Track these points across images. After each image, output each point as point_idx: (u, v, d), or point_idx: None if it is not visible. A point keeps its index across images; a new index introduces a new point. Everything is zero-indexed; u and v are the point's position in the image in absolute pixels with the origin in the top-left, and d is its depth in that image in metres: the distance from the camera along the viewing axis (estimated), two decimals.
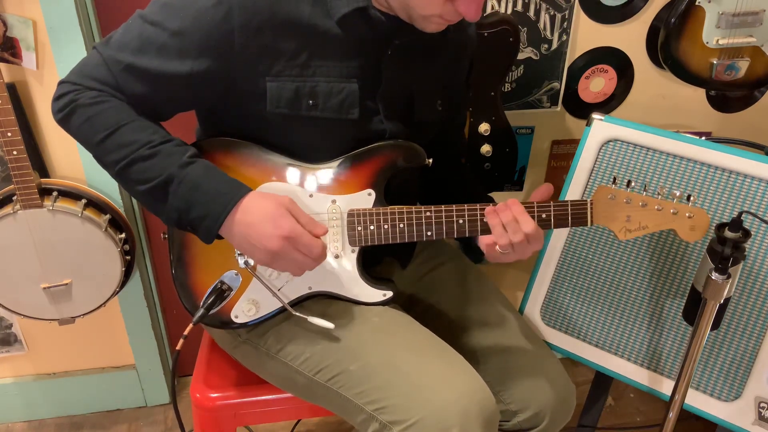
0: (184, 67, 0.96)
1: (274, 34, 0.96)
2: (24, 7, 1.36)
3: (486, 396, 1.03)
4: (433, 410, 0.98)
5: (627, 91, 1.67)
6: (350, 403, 1.04)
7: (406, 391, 1.00)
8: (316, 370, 1.07)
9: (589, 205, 1.03)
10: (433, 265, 1.31)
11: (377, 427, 1.02)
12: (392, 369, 1.03)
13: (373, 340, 1.07)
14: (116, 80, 0.97)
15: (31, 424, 1.85)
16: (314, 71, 1.00)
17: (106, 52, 0.98)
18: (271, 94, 1.00)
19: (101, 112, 0.96)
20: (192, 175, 0.96)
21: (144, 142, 0.96)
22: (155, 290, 1.79)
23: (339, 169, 1.07)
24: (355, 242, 1.08)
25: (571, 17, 1.53)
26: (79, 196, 1.47)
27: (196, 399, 1.25)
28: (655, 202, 1.01)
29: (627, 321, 1.28)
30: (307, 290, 1.10)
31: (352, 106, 1.03)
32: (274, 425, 1.80)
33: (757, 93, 1.71)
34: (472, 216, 1.05)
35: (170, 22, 0.95)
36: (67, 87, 0.98)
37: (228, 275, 1.08)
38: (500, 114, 1.50)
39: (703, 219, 1.01)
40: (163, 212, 0.99)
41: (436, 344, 1.09)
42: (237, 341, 1.17)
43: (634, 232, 1.03)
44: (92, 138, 0.97)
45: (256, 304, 1.09)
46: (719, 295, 1.00)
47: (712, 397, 1.21)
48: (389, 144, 1.07)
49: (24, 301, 1.52)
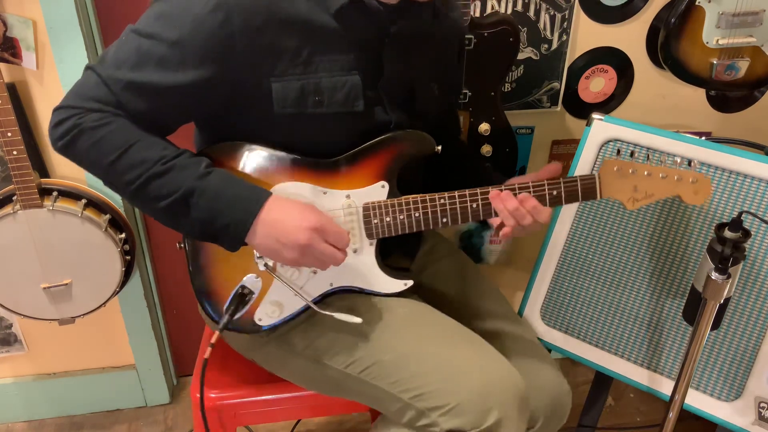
0: (186, 77, 0.95)
1: (274, 33, 0.96)
2: (24, 7, 1.36)
3: (519, 379, 1.06)
4: (471, 394, 1.01)
5: (627, 91, 1.67)
6: (385, 393, 1.06)
7: (443, 377, 1.03)
8: (347, 363, 1.08)
9: (597, 178, 1.06)
10: (434, 258, 1.32)
11: (413, 414, 1.04)
12: (427, 356, 1.05)
13: (403, 329, 1.09)
14: (118, 99, 0.94)
15: (31, 424, 1.85)
16: (317, 67, 1.00)
17: (104, 71, 0.95)
18: (276, 94, 0.99)
19: (108, 134, 0.93)
20: (212, 185, 0.95)
21: (157, 158, 0.94)
22: (155, 290, 1.79)
23: (350, 163, 1.07)
24: (372, 235, 1.09)
25: (571, 17, 1.53)
26: (79, 196, 1.47)
27: (196, 399, 1.25)
28: (659, 170, 1.04)
29: (627, 321, 1.28)
30: (329, 287, 1.10)
31: (356, 99, 1.03)
32: (274, 425, 1.80)
33: (757, 93, 1.71)
34: (485, 199, 1.06)
35: (167, 32, 0.93)
36: (66, 112, 0.95)
37: (248, 279, 1.07)
38: (500, 114, 1.49)
39: (705, 183, 1.03)
40: (184, 226, 0.98)
41: (464, 331, 1.11)
42: (258, 343, 1.17)
43: (641, 201, 1.05)
44: (101, 161, 0.94)
45: (279, 306, 1.09)
46: (719, 295, 1.00)
47: (712, 397, 1.21)
48: (398, 134, 1.08)
49: (24, 301, 1.52)
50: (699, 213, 1.20)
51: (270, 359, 1.18)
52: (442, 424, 1.01)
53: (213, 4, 0.92)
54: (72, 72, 1.42)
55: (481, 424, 0.99)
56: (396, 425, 1.09)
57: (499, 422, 1.00)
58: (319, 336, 1.11)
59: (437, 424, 1.01)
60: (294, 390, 1.25)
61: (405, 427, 1.07)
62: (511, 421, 1.01)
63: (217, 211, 0.95)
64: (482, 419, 0.99)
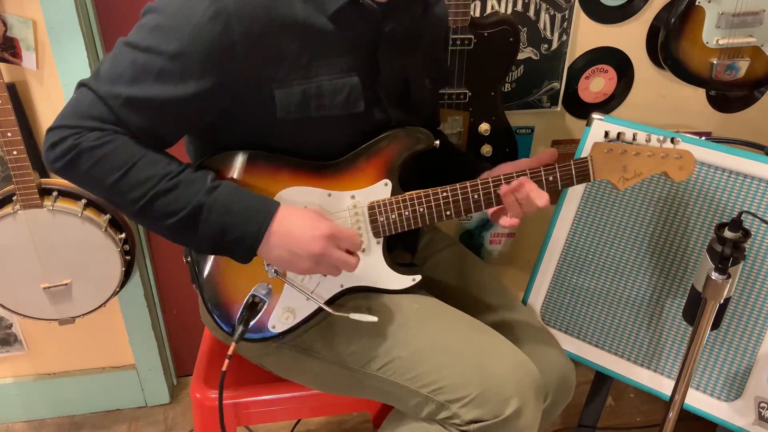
0: (188, 89, 0.93)
1: (274, 39, 0.95)
2: (24, 7, 1.36)
3: (532, 366, 1.08)
4: (490, 384, 1.02)
5: (627, 91, 1.67)
6: (403, 389, 1.07)
7: (461, 370, 1.04)
8: (364, 362, 1.09)
9: (590, 160, 1.07)
10: (433, 250, 1.33)
11: (433, 408, 1.05)
12: (443, 350, 1.06)
13: (418, 325, 1.09)
14: (116, 116, 0.91)
15: (31, 424, 1.85)
16: (317, 71, 1.00)
17: (100, 88, 0.91)
18: (279, 101, 0.98)
19: (109, 152, 0.91)
20: (221, 199, 0.95)
21: (162, 174, 0.92)
22: (155, 290, 1.79)
23: (352, 164, 1.07)
24: (379, 233, 1.09)
25: (571, 17, 1.53)
26: (79, 196, 1.46)
27: (196, 399, 1.25)
28: (647, 149, 1.06)
29: (627, 321, 1.28)
30: (340, 288, 1.11)
31: (357, 100, 1.03)
32: (274, 425, 1.80)
33: (757, 93, 1.71)
34: (485, 190, 1.07)
35: (165, 45, 0.90)
36: (63, 132, 0.91)
37: (259, 287, 1.07)
38: (500, 114, 1.49)
39: (689, 158, 1.06)
40: (193, 242, 0.97)
41: (475, 323, 1.13)
42: (270, 348, 1.16)
43: (631, 180, 1.08)
44: (104, 181, 0.92)
45: (292, 311, 1.09)
46: (719, 295, 1.00)
47: (712, 397, 1.21)
48: (398, 132, 1.08)
49: (24, 301, 1.52)
50: (699, 213, 1.20)
51: (283, 364, 1.18)
52: (464, 416, 1.02)
53: (211, 12, 0.90)
54: (72, 72, 1.42)
55: (501, 413, 1.01)
56: (413, 419, 1.10)
57: (519, 410, 1.01)
58: (334, 337, 1.11)
59: (458, 416, 1.02)
60: (294, 390, 1.25)
61: (424, 421, 1.08)
62: (529, 408, 1.03)
63: (228, 225, 0.95)
64: (502, 408, 1.01)
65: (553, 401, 1.17)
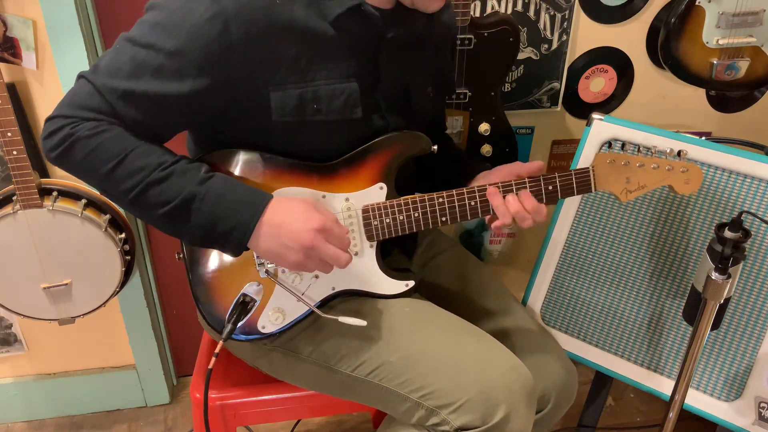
0: (184, 87, 0.94)
1: (273, 41, 0.95)
2: (24, 7, 1.36)
3: (525, 372, 1.06)
4: (479, 390, 1.01)
5: (627, 91, 1.67)
6: (393, 393, 1.06)
7: (450, 375, 1.03)
8: (353, 367, 1.08)
9: (591, 170, 1.06)
10: (434, 252, 1.33)
11: (423, 413, 1.04)
12: (433, 355, 1.05)
13: (409, 329, 1.09)
14: (113, 108, 0.93)
15: (31, 424, 1.85)
16: (314, 75, 1.00)
17: (98, 80, 0.93)
18: (275, 103, 0.98)
19: (104, 142, 0.92)
20: (213, 189, 0.95)
21: (155, 164, 0.93)
22: (155, 290, 1.79)
23: (348, 166, 1.07)
24: (372, 237, 1.08)
25: (571, 17, 1.53)
26: (79, 196, 1.47)
27: (196, 399, 1.25)
28: (651, 161, 1.04)
29: (627, 321, 1.28)
30: (331, 290, 1.10)
31: (354, 106, 1.03)
32: (274, 425, 1.80)
33: (757, 93, 1.71)
34: (482, 197, 1.06)
35: (165, 42, 0.92)
36: (60, 122, 0.93)
37: (249, 287, 1.07)
38: (500, 114, 1.50)
39: (696, 172, 1.04)
40: (185, 232, 0.98)
41: (468, 327, 1.11)
42: (262, 350, 1.16)
43: (634, 193, 1.06)
44: (98, 171, 0.93)
45: (282, 312, 1.09)
46: (719, 295, 1.00)
47: (712, 397, 1.21)
48: (395, 136, 1.08)
49: (24, 301, 1.52)
50: (699, 213, 1.20)
51: (276, 366, 1.18)
52: (452, 422, 1.01)
53: (211, 13, 0.91)
54: (72, 72, 1.41)
55: (490, 419, 1.00)
56: (404, 425, 1.09)
57: (507, 417, 1.00)
58: (324, 340, 1.11)
59: (447, 422, 1.02)
60: (294, 390, 1.25)
61: (414, 428, 1.07)
62: (519, 414, 1.02)
63: (219, 216, 0.95)
64: (491, 415, 1.00)
65: (554, 406, 1.16)
